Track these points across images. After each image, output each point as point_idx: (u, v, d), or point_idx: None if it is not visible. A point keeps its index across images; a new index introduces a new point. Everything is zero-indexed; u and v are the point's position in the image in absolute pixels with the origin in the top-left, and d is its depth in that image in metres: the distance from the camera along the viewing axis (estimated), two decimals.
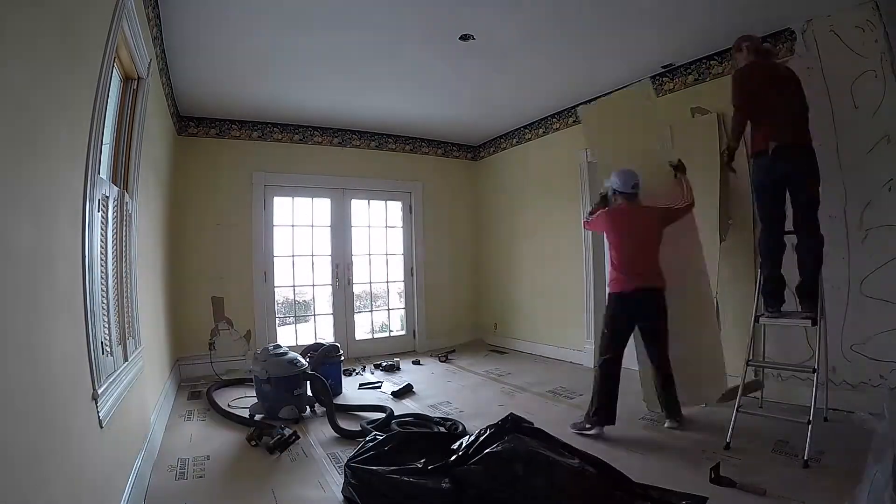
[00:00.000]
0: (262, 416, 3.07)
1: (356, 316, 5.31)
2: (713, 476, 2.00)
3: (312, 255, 5.09)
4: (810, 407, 2.26)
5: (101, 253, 1.76)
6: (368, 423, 2.77)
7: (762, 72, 2.59)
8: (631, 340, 2.86)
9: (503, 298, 5.59)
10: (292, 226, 4.99)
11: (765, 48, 2.74)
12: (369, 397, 3.62)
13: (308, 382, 3.21)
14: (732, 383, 2.78)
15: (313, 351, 3.69)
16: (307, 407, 3.21)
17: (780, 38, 3.03)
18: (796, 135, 2.47)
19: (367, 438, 2.30)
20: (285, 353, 3.18)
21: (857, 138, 2.70)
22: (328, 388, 3.10)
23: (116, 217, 2.04)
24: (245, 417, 3.05)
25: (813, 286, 2.50)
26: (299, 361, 3.18)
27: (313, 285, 5.12)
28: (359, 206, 5.37)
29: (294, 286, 5.05)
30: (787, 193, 2.54)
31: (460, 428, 2.72)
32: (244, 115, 4.56)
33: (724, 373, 2.87)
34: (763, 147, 2.50)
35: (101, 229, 1.78)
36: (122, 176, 2.26)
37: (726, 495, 1.91)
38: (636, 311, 2.75)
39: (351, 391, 3.83)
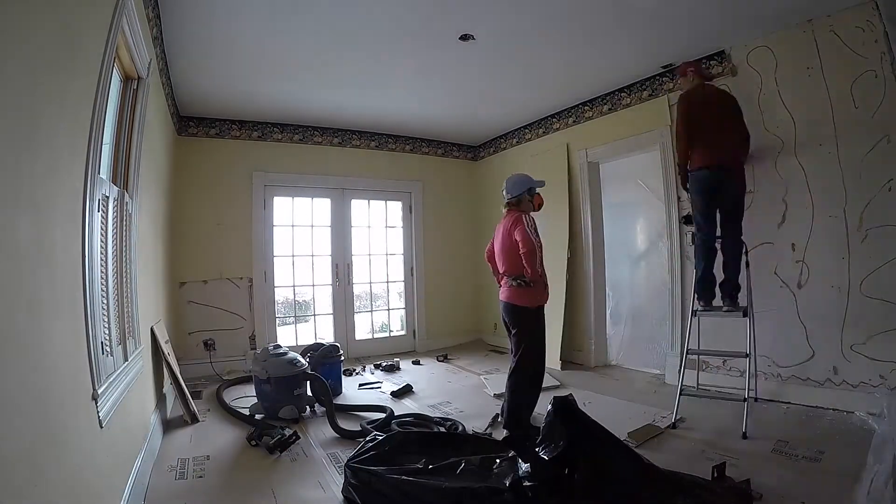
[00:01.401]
0: (262, 416, 3.07)
1: (356, 316, 5.31)
2: (716, 476, 2.00)
3: (312, 255, 5.08)
4: (746, 390, 2.60)
5: (101, 253, 1.76)
6: (368, 424, 2.77)
7: (702, 98, 2.91)
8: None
9: None
10: (292, 226, 4.99)
11: (708, 73, 3.12)
12: (369, 397, 3.62)
13: (308, 382, 3.21)
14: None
15: (313, 351, 3.69)
16: (307, 407, 3.21)
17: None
18: (727, 159, 2.82)
19: (367, 438, 2.30)
20: (285, 353, 3.18)
21: (857, 138, 2.70)
22: (328, 388, 3.09)
23: (116, 217, 2.04)
24: (248, 415, 3.05)
25: (734, 283, 2.84)
26: (299, 361, 3.18)
27: (313, 285, 5.11)
28: (359, 206, 5.37)
29: (294, 286, 5.04)
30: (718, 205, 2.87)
31: (460, 428, 2.72)
32: (244, 115, 4.56)
33: None
34: (699, 165, 2.86)
35: (101, 229, 1.78)
36: (122, 176, 2.26)
37: None
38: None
39: (351, 391, 3.83)
